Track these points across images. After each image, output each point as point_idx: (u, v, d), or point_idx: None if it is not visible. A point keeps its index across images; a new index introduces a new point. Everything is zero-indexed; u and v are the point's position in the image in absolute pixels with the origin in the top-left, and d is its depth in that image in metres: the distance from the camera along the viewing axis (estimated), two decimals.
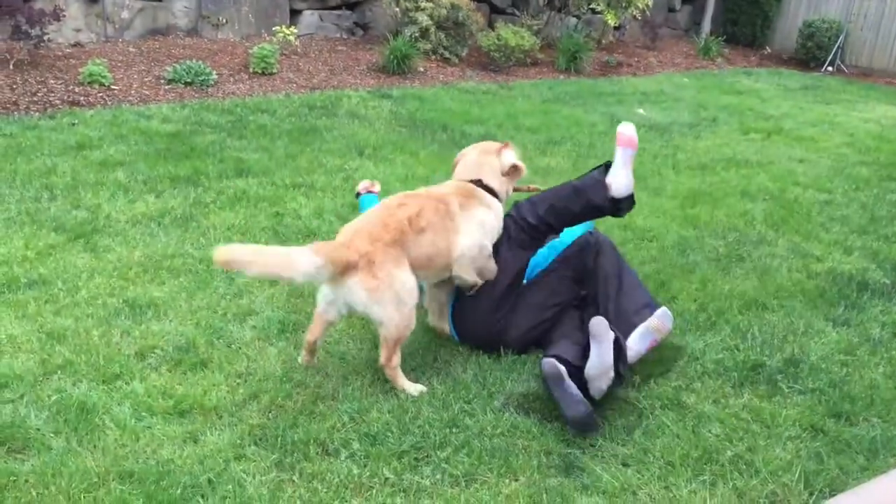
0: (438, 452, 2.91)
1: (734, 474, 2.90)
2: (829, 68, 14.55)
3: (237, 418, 3.04)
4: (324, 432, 2.98)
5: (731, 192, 6.40)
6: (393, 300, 3.18)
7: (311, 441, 2.92)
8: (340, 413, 3.10)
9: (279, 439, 2.91)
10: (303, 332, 3.63)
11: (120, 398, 3.09)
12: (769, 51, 15.89)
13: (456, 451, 2.92)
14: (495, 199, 3.64)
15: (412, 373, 3.40)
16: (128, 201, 5.08)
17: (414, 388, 3.30)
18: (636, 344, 3.43)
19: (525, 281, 3.66)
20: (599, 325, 3.14)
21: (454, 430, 3.04)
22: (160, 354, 3.42)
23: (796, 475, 2.90)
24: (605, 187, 3.57)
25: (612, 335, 3.16)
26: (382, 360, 3.27)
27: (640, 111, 9.45)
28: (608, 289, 3.62)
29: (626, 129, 3.60)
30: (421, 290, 3.62)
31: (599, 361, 3.11)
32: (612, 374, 3.14)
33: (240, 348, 3.53)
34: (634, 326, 3.48)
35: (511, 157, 3.74)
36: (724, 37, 15.14)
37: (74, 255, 4.30)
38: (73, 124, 6.55)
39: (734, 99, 10.85)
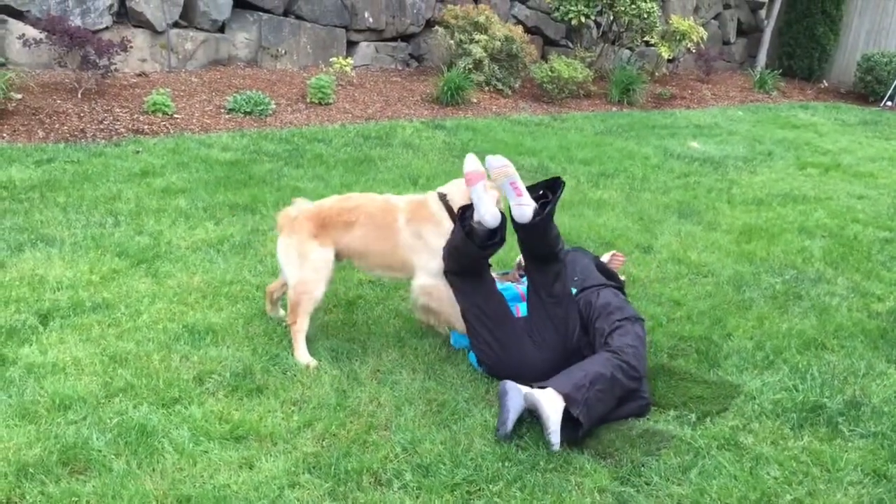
0: (491, 486, 2.90)
1: None
2: (889, 103, 14.26)
3: (292, 445, 3.08)
4: (377, 462, 2.99)
5: (788, 228, 6.30)
6: (295, 261, 3.74)
7: (364, 471, 2.94)
8: (393, 443, 3.11)
9: (332, 468, 2.94)
10: (356, 360, 3.72)
11: (178, 422, 3.15)
12: (826, 84, 15.67)
13: (508, 486, 2.91)
14: (447, 214, 3.81)
15: (465, 403, 3.41)
16: (188, 228, 5.21)
17: (305, 359, 3.67)
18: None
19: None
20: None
21: (507, 463, 3.03)
22: (217, 380, 3.49)
23: None
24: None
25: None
26: (288, 319, 3.78)
27: (694, 144, 9.37)
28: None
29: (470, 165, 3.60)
30: None
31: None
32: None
33: (294, 375, 3.57)
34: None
35: (452, 188, 3.86)
36: (780, 70, 14.98)
37: (137, 279, 4.42)
38: (138, 152, 6.75)
39: (790, 133, 10.70)
